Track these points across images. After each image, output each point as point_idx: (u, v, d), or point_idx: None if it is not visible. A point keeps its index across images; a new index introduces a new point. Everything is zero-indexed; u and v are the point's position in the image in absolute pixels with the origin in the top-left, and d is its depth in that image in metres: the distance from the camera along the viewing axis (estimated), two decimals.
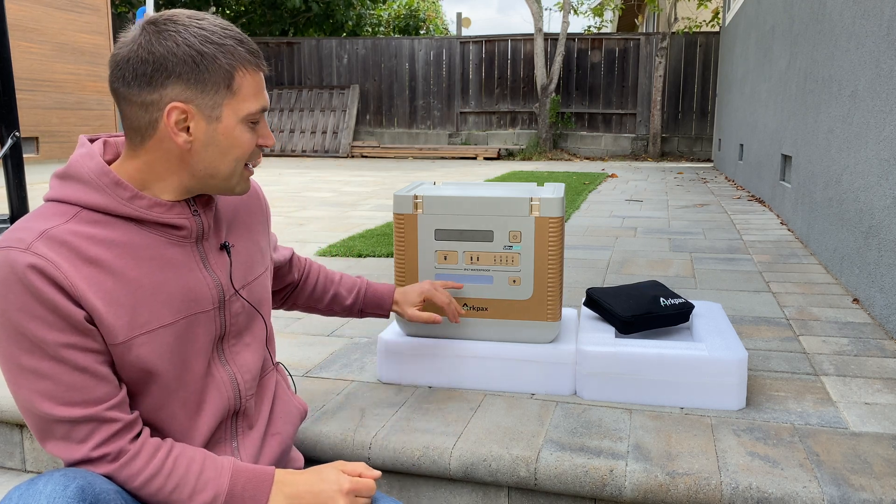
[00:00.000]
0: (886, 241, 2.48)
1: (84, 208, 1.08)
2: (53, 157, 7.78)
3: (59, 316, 1.01)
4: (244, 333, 1.26)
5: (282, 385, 1.39)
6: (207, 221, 1.18)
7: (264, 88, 1.14)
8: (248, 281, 1.27)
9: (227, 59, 1.08)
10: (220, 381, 1.20)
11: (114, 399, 1.06)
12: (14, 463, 1.82)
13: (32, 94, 7.44)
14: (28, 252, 1.00)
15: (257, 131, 1.14)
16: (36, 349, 1.01)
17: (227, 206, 1.27)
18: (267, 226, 1.39)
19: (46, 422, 1.03)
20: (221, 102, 1.08)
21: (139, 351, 1.08)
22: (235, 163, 1.13)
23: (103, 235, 1.07)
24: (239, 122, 1.10)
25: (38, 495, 0.94)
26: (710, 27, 13.67)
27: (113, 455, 1.05)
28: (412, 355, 1.86)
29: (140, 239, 1.10)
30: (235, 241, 1.26)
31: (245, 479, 1.11)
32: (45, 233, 1.03)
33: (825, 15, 3.77)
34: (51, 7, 7.63)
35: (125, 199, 1.09)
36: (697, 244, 3.95)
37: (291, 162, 12.04)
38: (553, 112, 12.71)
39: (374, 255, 3.67)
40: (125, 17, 12.78)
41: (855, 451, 1.50)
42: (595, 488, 1.43)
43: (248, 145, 1.13)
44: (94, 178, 1.08)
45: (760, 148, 6.06)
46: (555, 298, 1.76)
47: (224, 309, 1.20)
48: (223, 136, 1.10)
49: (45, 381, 1.02)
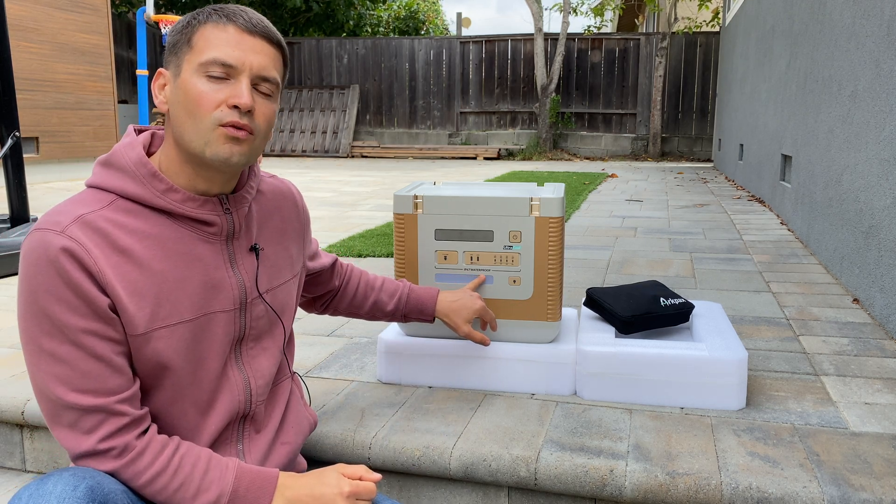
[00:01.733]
0: (886, 241, 2.48)
1: (121, 197, 1.10)
2: (53, 157, 7.78)
3: (83, 301, 1.02)
4: (263, 338, 1.26)
5: (296, 395, 1.39)
6: (239, 221, 1.19)
7: (232, 44, 1.08)
8: (273, 286, 1.27)
9: (196, 21, 1.10)
10: (234, 383, 1.20)
11: (126, 392, 1.06)
12: (14, 463, 1.82)
13: (32, 94, 7.44)
14: (63, 235, 1.02)
15: (228, 89, 1.08)
16: (57, 332, 1.02)
17: (262, 208, 1.28)
18: (302, 233, 1.38)
19: (57, 406, 1.04)
20: (183, 59, 1.10)
21: (157, 344, 1.09)
22: (198, 121, 1.08)
23: (136, 225, 1.09)
24: (194, 73, 1.08)
25: (48, 495, 0.94)
26: (710, 27, 13.67)
27: (119, 449, 1.05)
28: (412, 355, 1.86)
29: (171, 232, 1.12)
30: (265, 244, 1.26)
31: (249, 481, 1.11)
32: (81, 217, 1.05)
33: (825, 15, 3.77)
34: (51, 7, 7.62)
35: (160, 191, 1.10)
36: (697, 244, 3.95)
37: (291, 162, 12.04)
38: (553, 112, 12.71)
39: (374, 255, 3.67)
40: (125, 17, 12.78)
41: (855, 451, 1.50)
42: (595, 488, 1.43)
43: (206, 99, 1.07)
44: (133, 168, 1.10)
45: (760, 148, 6.06)
46: (555, 298, 1.76)
47: (245, 311, 1.20)
48: (182, 91, 1.09)
49: (61, 365, 1.03)
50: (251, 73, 1.09)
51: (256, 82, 1.11)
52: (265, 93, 1.13)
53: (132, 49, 12.95)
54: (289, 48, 14.14)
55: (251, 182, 1.24)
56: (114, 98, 8.59)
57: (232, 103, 1.08)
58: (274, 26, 1.16)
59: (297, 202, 1.38)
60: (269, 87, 1.13)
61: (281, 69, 1.16)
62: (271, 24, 1.15)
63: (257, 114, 1.11)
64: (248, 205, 1.21)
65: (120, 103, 11.87)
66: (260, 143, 1.14)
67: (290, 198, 1.35)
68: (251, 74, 1.09)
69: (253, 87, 1.11)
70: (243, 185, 1.23)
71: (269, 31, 1.13)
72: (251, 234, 1.23)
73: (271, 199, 1.31)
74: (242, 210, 1.20)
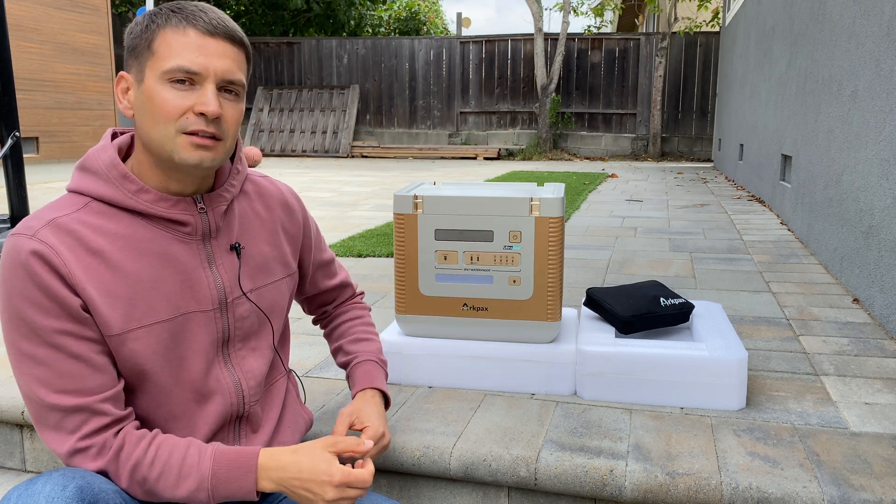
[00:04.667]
0: (886, 241, 2.48)
1: (94, 199, 1.10)
2: (53, 157, 7.78)
3: (55, 302, 1.03)
4: (250, 338, 1.24)
5: (292, 394, 1.38)
6: (215, 220, 1.18)
7: (195, 50, 1.06)
8: (260, 285, 1.25)
9: (155, 24, 1.08)
10: (224, 386, 1.19)
11: (108, 392, 1.06)
12: (14, 463, 1.82)
13: (32, 94, 7.44)
14: (33, 239, 1.03)
15: (193, 96, 1.07)
16: (33, 335, 1.03)
17: (249, 207, 1.26)
18: (298, 236, 1.36)
19: (41, 408, 1.04)
20: (145, 65, 1.08)
21: (134, 345, 1.09)
22: (163, 127, 1.06)
23: (108, 227, 1.09)
24: (157, 80, 1.06)
25: (36, 495, 0.94)
26: (710, 27, 13.67)
27: (98, 447, 1.05)
28: (412, 355, 1.86)
29: (145, 233, 1.11)
30: (250, 242, 1.24)
31: (229, 461, 1.08)
32: (53, 221, 1.06)
33: (825, 15, 3.77)
34: (51, 7, 7.62)
35: (131, 192, 1.10)
36: (697, 244, 3.95)
37: (291, 162, 12.04)
38: (553, 112, 12.71)
39: (374, 255, 3.67)
40: (125, 17, 12.78)
41: (855, 451, 1.50)
42: (595, 488, 1.43)
43: (170, 106, 1.05)
44: (105, 170, 1.10)
45: (760, 148, 6.06)
46: (555, 298, 1.76)
47: (227, 311, 1.19)
48: (146, 98, 1.07)
49: (40, 367, 1.03)
50: (216, 77, 1.07)
51: (222, 86, 1.09)
52: (231, 95, 1.11)
53: None
54: (289, 48, 14.18)
55: (232, 180, 1.21)
56: (114, 98, 8.59)
57: (198, 111, 1.06)
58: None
59: (290, 203, 1.35)
60: (234, 89, 1.11)
61: (245, 68, 1.14)
62: (231, 21, 1.12)
63: (225, 118, 1.09)
64: (226, 203, 1.19)
65: None
66: (230, 144, 1.12)
67: (280, 199, 1.33)
68: (216, 79, 1.07)
69: (218, 90, 1.09)
70: (222, 182, 1.20)
71: (230, 30, 1.10)
72: (232, 233, 1.21)
73: (259, 198, 1.29)
74: (219, 209, 1.18)
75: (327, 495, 1.07)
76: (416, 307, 1.82)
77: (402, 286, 1.82)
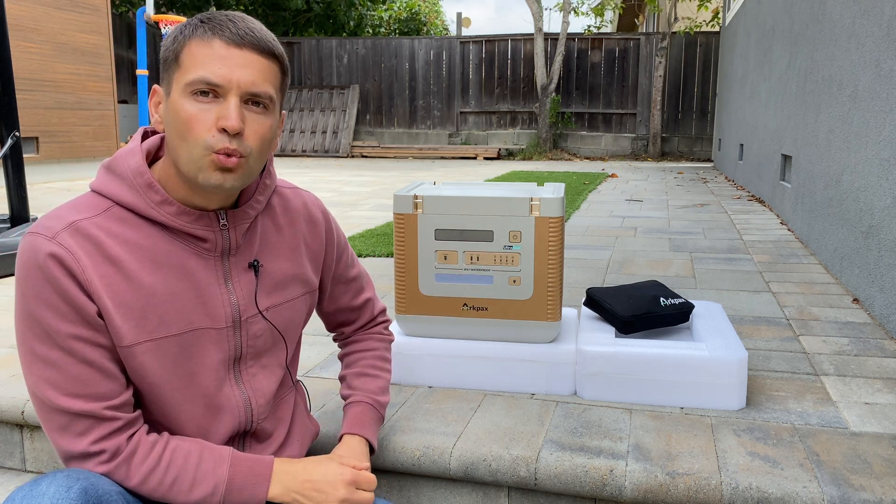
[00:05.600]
0: (886, 241, 2.48)
1: (117, 204, 1.08)
2: (53, 157, 7.78)
3: (71, 307, 1.02)
4: (263, 356, 1.22)
5: (300, 407, 1.37)
6: (236, 237, 1.15)
7: (218, 61, 1.02)
8: (277, 303, 1.22)
9: (183, 35, 1.05)
10: (234, 403, 1.18)
11: (117, 399, 1.06)
12: (14, 463, 1.82)
13: (32, 94, 7.44)
14: (52, 241, 1.02)
15: (217, 109, 1.02)
16: (47, 337, 1.02)
17: (272, 222, 1.23)
18: (321, 251, 1.31)
19: (49, 410, 1.04)
20: (172, 77, 1.05)
21: (143, 358, 1.08)
22: (189, 144, 1.03)
23: (128, 235, 1.07)
24: (181, 93, 1.03)
25: (40, 497, 0.94)
26: (710, 27, 13.67)
27: (110, 452, 1.05)
28: (412, 355, 1.86)
29: (164, 244, 1.09)
30: (269, 260, 1.21)
31: (245, 469, 1.10)
32: (74, 224, 1.04)
33: (825, 15, 3.77)
34: (51, 7, 7.62)
35: (155, 202, 1.08)
36: (697, 244, 3.95)
37: (291, 162, 12.04)
38: (553, 112, 12.71)
39: (374, 254, 3.67)
40: (125, 17, 12.78)
41: (855, 451, 1.50)
42: (595, 488, 1.43)
43: (196, 122, 1.02)
44: (131, 176, 1.08)
45: (760, 148, 6.06)
46: (555, 298, 1.76)
47: (240, 329, 1.17)
48: (172, 111, 1.04)
49: (52, 369, 1.03)
50: (239, 90, 1.02)
51: (247, 98, 1.04)
52: (258, 108, 1.06)
53: (132, 49, 12.96)
54: (289, 48, 14.16)
55: (259, 195, 1.18)
56: (114, 98, 8.59)
57: (220, 126, 1.02)
58: (271, 31, 1.11)
59: (317, 221, 1.31)
60: (262, 101, 1.06)
61: (277, 80, 1.08)
62: (265, 31, 1.07)
63: (248, 133, 1.04)
64: (249, 221, 1.16)
65: (120, 103, 11.87)
66: (255, 163, 1.07)
67: (305, 213, 1.28)
68: (240, 92, 1.03)
69: (244, 103, 1.04)
70: (248, 198, 1.17)
71: (259, 40, 1.04)
72: (252, 250, 1.18)
73: (283, 213, 1.25)
74: (242, 226, 1.15)
75: (339, 493, 1.12)
76: (416, 307, 1.82)
77: (402, 286, 1.82)
